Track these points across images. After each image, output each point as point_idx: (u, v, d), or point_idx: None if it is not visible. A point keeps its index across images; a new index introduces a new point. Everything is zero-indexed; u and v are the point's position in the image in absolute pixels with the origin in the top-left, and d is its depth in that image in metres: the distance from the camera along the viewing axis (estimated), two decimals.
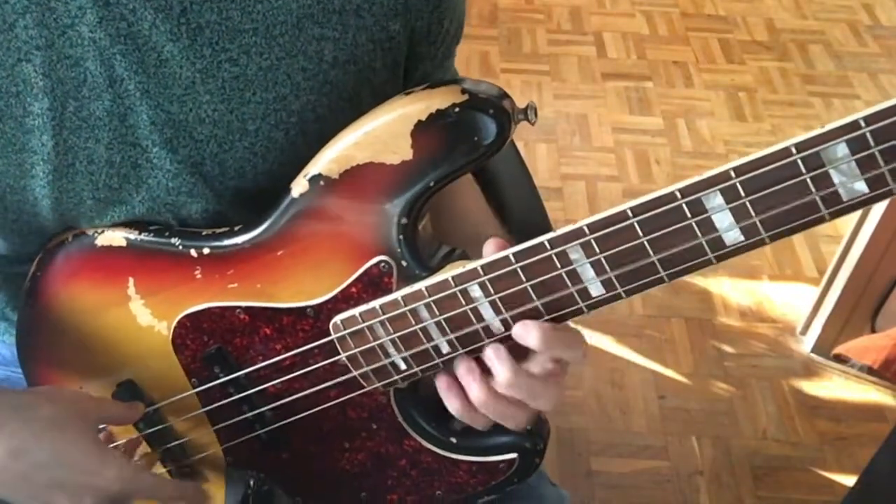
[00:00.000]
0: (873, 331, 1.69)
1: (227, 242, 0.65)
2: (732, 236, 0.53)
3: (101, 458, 0.63)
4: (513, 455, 0.68)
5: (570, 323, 0.60)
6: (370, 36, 0.65)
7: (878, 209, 1.54)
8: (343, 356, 0.65)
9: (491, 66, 2.44)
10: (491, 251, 0.59)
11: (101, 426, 0.73)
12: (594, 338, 1.76)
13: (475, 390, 0.61)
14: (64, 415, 0.64)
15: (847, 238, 1.63)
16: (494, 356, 0.60)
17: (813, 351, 1.74)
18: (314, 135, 0.64)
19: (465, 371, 0.61)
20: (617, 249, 0.55)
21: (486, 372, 0.61)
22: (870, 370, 1.66)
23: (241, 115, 0.63)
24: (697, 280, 1.88)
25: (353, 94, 0.65)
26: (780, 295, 1.86)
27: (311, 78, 0.64)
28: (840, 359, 1.71)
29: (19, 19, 0.57)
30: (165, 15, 0.59)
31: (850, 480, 1.51)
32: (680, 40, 2.57)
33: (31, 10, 0.57)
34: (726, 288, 1.87)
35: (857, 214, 1.59)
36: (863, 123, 0.47)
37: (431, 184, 0.60)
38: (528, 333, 0.59)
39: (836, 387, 1.69)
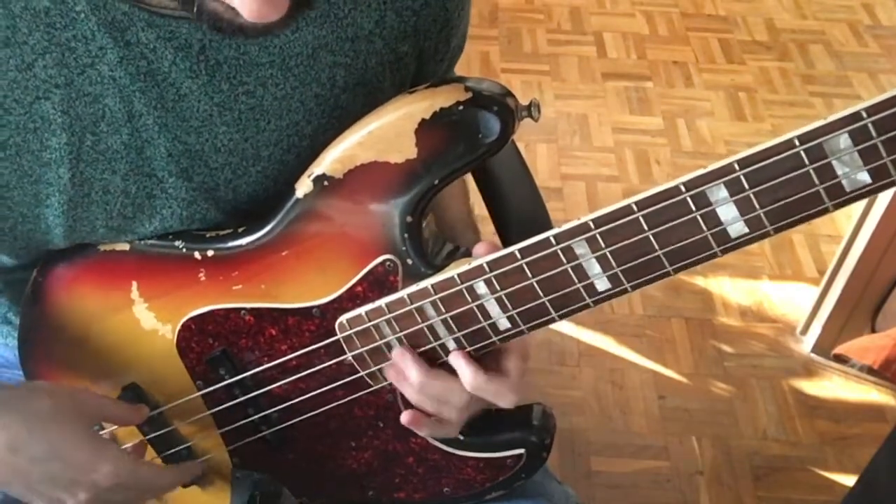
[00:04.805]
0: (873, 331, 1.69)
1: (231, 244, 0.65)
2: (737, 228, 0.53)
3: (96, 453, 0.63)
4: (520, 450, 0.68)
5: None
6: (380, 59, 0.66)
7: (879, 209, 1.54)
8: (349, 356, 0.65)
9: (491, 67, 2.44)
10: (482, 253, 0.59)
11: (108, 428, 0.73)
12: (594, 338, 1.76)
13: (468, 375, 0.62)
14: (60, 409, 0.64)
15: (847, 238, 1.63)
16: (400, 359, 0.64)
17: (813, 351, 1.74)
18: None
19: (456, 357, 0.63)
20: (622, 244, 0.55)
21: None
22: (870, 370, 1.66)
23: (255, 143, 0.64)
24: (697, 280, 1.88)
25: (361, 115, 0.66)
26: (780, 295, 1.86)
27: (323, 103, 0.65)
28: (840, 359, 1.71)
29: (38, 59, 0.57)
30: (185, 53, 0.59)
31: (850, 480, 1.51)
32: (680, 40, 2.57)
33: (51, 50, 0.57)
34: (726, 288, 1.87)
35: (857, 214, 1.59)
36: (864, 114, 0.48)
37: (436, 181, 0.60)
38: (407, 368, 0.63)
39: (836, 387, 1.69)
